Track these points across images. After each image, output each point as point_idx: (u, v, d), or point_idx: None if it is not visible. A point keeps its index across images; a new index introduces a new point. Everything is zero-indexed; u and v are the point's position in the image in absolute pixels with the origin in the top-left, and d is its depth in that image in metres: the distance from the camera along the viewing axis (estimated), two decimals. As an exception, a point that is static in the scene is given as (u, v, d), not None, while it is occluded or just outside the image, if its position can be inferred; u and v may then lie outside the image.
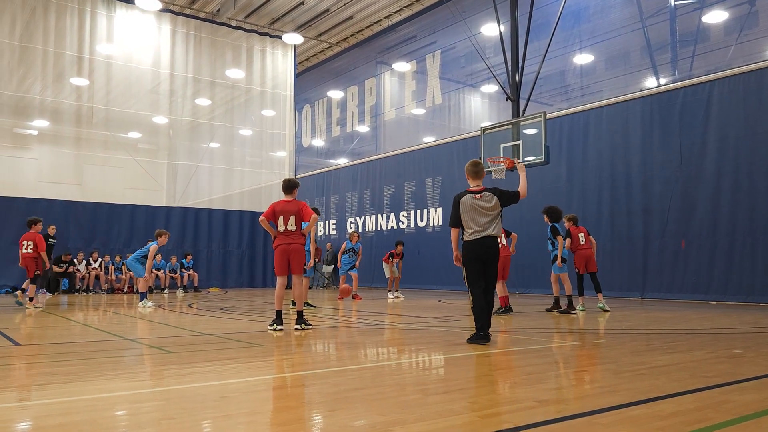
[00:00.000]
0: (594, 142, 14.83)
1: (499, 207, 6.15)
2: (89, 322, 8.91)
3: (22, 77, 17.35)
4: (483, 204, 6.09)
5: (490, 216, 6.09)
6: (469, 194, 6.16)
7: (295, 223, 7.30)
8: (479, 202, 6.09)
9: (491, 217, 6.09)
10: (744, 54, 12.81)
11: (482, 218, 6.06)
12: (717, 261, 12.35)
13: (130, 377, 4.42)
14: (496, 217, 6.13)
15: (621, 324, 8.22)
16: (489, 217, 6.08)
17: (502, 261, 8.71)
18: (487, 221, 6.06)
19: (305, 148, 26.49)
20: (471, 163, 6.43)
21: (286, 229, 7.28)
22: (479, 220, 6.05)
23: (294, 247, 7.26)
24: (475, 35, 17.02)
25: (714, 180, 12.52)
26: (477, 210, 6.08)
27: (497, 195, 6.16)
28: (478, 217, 6.06)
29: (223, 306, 11.86)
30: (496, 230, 6.09)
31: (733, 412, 3.24)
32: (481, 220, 6.05)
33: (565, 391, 3.79)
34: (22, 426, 3.12)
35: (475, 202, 6.09)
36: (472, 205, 6.09)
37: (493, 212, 6.10)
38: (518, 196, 6.26)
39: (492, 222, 6.08)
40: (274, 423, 3.15)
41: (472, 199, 6.11)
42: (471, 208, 6.09)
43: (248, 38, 21.05)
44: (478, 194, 6.14)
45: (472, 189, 6.23)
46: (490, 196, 6.13)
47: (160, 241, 11.19)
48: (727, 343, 6.20)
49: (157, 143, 21.44)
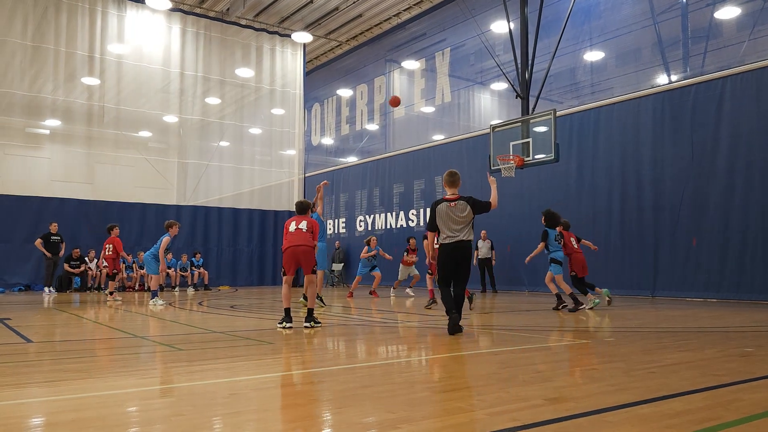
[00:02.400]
0: (605, 139, 14.73)
1: (472, 215, 6.64)
2: (100, 320, 8.99)
3: (34, 77, 17.50)
4: (456, 212, 6.60)
5: (463, 223, 6.60)
6: (445, 202, 6.68)
7: (306, 226, 7.28)
8: (453, 210, 6.61)
9: (464, 224, 6.60)
10: (757, 50, 12.67)
11: (455, 225, 6.59)
12: (729, 259, 12.23)
13: (141, 374, 4.46)
14: (468, 224, 6.63)
15: (631, 322, 8.17)
16: (461, 224, 6.59)
17: None
18: (459, 228, 6.59)
19: (315, 147, 26.53)
20: (447, 173, 6.92)
21: (297, 228, 7.26)
22: (452, 226, 6.60)
23: (303, 248, 7.23)
24: (484, 33, 16.97)
25: (726, 177, 12.40)
26: (451, 217, 6.60)
27: (470, 204, 6.65)
28: (452, 223, 6.60)
29: (233, 304, 11.91)
30: (467, 235, 6.59)
31: (743, 410, 3.22)
32: (454, 227, 6.59)
33: (574, 389, 3.77)
34: (34, 422, 3.16)
35: (449, 210, 6.62)
36: (446, 212, 6.62)
37: (466, 220, 6.60)
38: (490, 206, 6.75)
39: (464, 228, 6.59)
40: (283, 420, 3.16)
41: (447, 207, 6.64)
42: (446, 215, 6.62)
43: (258, 37, 21.11)
44: (453, 203, 6.64)
45: (447, 197, 6.74)
46: (463, 204, 6.62)
47: (172, 231, 11.19)
48: (738, 342, 6.15)
49: (168, 142, 21.57)
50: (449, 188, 6.80)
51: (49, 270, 15.71)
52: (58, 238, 15.79)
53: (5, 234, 16.61)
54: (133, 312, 10.14)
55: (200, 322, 8.61)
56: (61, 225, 16.94)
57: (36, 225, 16.57)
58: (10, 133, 17.89)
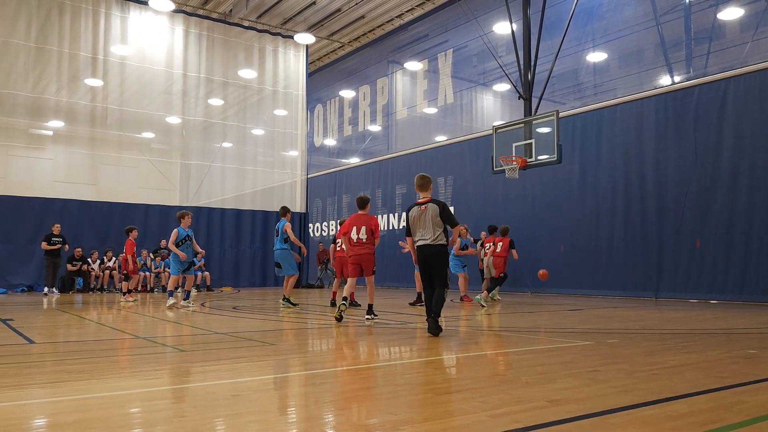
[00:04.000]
0: (607, 140, 14.71)
1: (441, 221, 6.67)
2: (103, 321, 9.00)
3: (37, 78, 17.53)
4: (426, 216, 6.69)
5: (431, 227, 6.66)
6: (416, 206, 6.82)
7: (366, 233, 8.26)
8: (423, 213, 6.71)
9: (432, 227, 6.66)
10: (760, 51, 12.64)
11: (423, 229, 6.70)
12: (733, 260, 12.20)
13: (143, 375, 4.46)
14: (438, 227, 6.67)
15: (635, 324, 8.15)
16: (430, 227, 6.66)
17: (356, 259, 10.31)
18: (427, 230, 6.67)
19: (317, 148, 26.54)
20: (418, 177, 7.02)
21: (358, 238, 8.26)
22: (422, 230, 6.73)
23: (365, 255, 8.27)
24: (487, 34, 16.97)
25: (730, 178, 12.37)
26: (421, 221, 6.73)
27: (440, 207, 6.71)
28: (422, 227, 6.73)
29: (235, 305, 11.91)
30: (438, 239, 6.64)
31: (746, 412, 3.20)
32: (423, 231, 6.70)
33: (577, 391, 3.76)
34: (37, 423, 3.16)
35: (419, 213, 6.75)
36: (417, 216, 6.76)
37: (435, 223, 6.66)
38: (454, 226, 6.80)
39: (433, 231, 6.64)
40: (285, 421, 3.16)
41: (417, 211, 6.77)
42: (417, 219, 6.75)
43: (260, 38, 21.12)
44: (423, 206, 6.75)
45: (419, 201, 6.86)
46: (434, 208, 6.69)
47: (183, 223, 10.89)
48: (742, 344, 6.13)
49: (171, 143, 21.58)
50: (421, 192, 6.92)
51: (49, 270, 15.72)
52: (60, 240, 15.81)
53: (8, 235, 16.63)
54: (136, 313, 10.15)
55: (203, 323, 8.61)
56: (65, 226, 16.94)
57: (39, 226, 16.58)
58: (14, 134, 17.92)
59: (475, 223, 16.89)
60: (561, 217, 15.21)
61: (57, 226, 15.85)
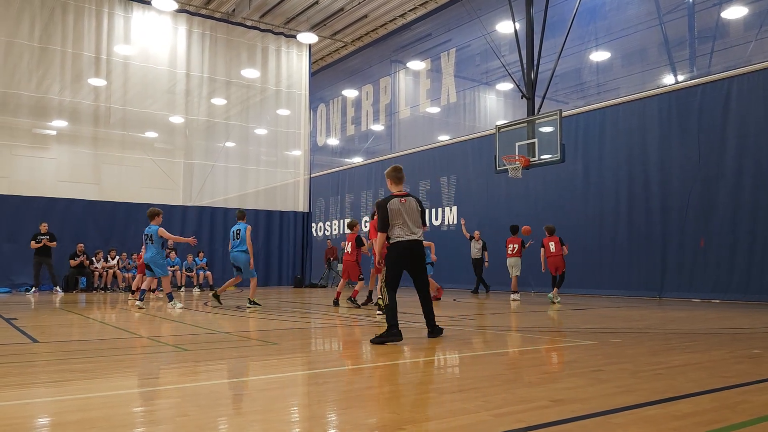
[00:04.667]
0: (611, 139, 14.68)
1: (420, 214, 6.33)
2: (106, 320, 9.01)
3: (41, 78, 17.57)
4: (408, 208, 6.23)
5: (418, 221, 6.28)
6: (395, 198, 6.25)
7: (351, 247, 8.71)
8: (405, 206, 6.22)
9: (419, 222, 6.28)
10: (764, 50, 12.59)
11: (411, 222, 6.21)
12: (737, 260, 12.16)
13: (146, 374, 4.46)
14: (419, 221, 6.30)
15: (638, 323, 8.13)
16: (417, 222, 6.26)
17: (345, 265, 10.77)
18: (413, 224, 6.21)
19: (320, 147, 26.55)
20: (393, 168, 6.49)
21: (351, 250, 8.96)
22: (410, 224, 6.20)
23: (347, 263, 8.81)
24: (489, 33, 16.94)
25: (734, 177, 12.33)
26: (408, 214, 6.21)
27: (418, 202, 6.38)
28: (409, 220, 6.20)
29: (238, 305, 11.92)
30: (419, 234, 6.24)
31: (750, 412, 3.19)
32: (411, 224, 6.20)
33: (580, 391, 3.75)
34: (40, 422, 3.17)
35: (401, 206, 6.21)
36: (398, 209, 6.19)
37: (416, 215, 6.27)
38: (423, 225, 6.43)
39: (417, 226, 6.25)
40: (288, 421, 3.16)
41: (398, 203, 6.22)
42: (398, 212, 6.18)
43: (263, 38, 21.14)
44: (403, 198, 6.26)
45: (396, 194, 6.32)
46: (414, 202, 6.32)
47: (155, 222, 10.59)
48: (746, 343, 6.11)
49: (174, 143, 21.62)
50: (396, 185, 6.40)
51: (36, 269, 15.68)
52: (45, 237, 15.74)
53: (12, 234, 16.67)
54: (137, 312, 10.16)
55: (205, 322, 8.62)
56: (68, 225, 16.98)
57: (43, 226, 16.63)
58: (18, 134, 17.97)
59: (477, 223, 16.87)
60: (564, 216, 15.17)
61: (44, 224, 15.84)
